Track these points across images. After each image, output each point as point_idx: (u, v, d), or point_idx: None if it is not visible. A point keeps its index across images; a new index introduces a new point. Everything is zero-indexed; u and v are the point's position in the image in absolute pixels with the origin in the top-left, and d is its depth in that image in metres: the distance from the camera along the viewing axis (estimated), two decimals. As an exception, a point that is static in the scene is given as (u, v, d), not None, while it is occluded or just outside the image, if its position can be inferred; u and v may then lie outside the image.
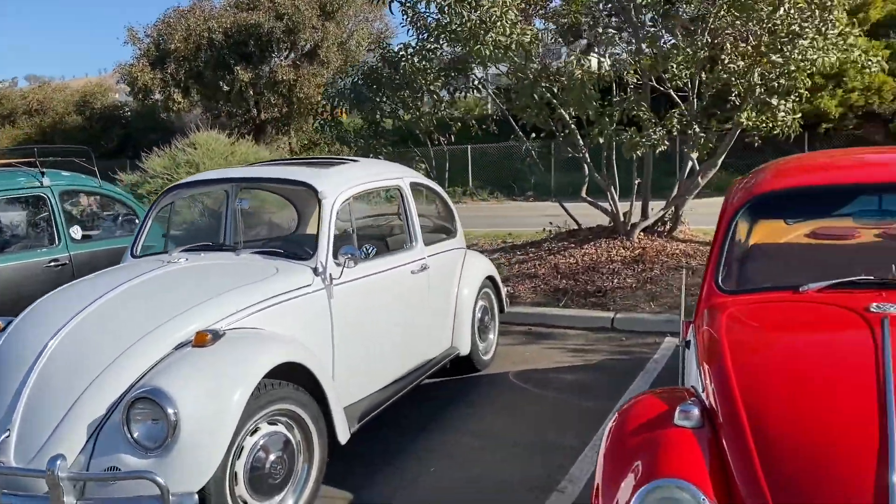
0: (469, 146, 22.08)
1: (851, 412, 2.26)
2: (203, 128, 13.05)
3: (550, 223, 9.30)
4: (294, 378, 3.48)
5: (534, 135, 8.03)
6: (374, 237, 5.21)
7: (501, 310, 6.12)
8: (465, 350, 5.30)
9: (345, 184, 4.24)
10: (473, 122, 8.89)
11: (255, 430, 3.29)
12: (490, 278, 5.87)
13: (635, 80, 7.82)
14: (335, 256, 3.95)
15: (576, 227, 9.07)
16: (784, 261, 4.03)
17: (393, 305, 4.45)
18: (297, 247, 4.16)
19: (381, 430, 4.50)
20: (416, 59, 7.38)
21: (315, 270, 3.88)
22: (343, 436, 3.74)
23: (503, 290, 6.16)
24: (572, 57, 6.79)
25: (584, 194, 8.93)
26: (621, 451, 2.51)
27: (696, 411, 2.49)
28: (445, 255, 5.24)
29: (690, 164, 8.10)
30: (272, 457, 3.33)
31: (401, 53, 7.53)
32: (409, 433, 4.55)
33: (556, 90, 7.10)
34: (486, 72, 7.95)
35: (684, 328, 3.46)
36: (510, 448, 4.31)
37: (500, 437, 4.47)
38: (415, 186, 5.03)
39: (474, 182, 23.58)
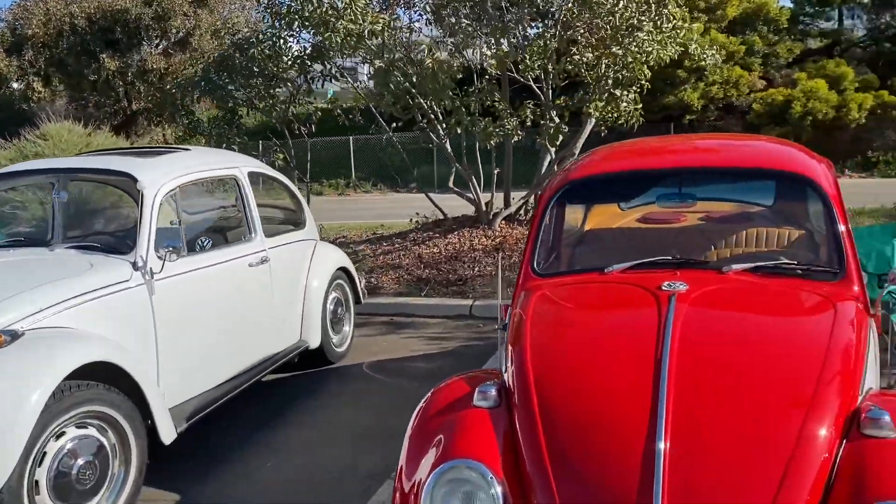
0: (351, 137, 21.87)
1: (629, 385, 2.36)
2: (56, 118, 12.23)
3: (417, 214, 9.34)
4: (110, 379, 3.32)
5: (394, 125, 8.03)
6: (216, 229, 5.05)
7: (358, 301, 6.07)
8: (314, 343, 5.23)
9: (170, 174, 4.07)
10: (339, 112, 8.75)
11: (61, 435, 3.11)
12: (344, 269, 5.81)
13: (496, 72, 7.93)
14: (157, 250, 3.79)
15: (442, 217, 9.14)
16: (606, 244, 4.19)
17: (227, 300, 4.32)
18: (118, 241, 3.97)
19: (220, 426, 4.37)
20: (265, 46, 7.19)
21: (134, 265, 3.70)
22: (167, 436, 3.60)
23: (360, 282, 6.12)
24: (423, 46, 6.83)
25: (451, 184, 9.01)
26: (423, 432, 2.55)
27: (493, 392, 2.55)
28: (291, 246, 5.14)
29: (550, 154, 8.32)
30: (81, 462, 3.17)
31: (251, 40, 7.33)
32: (250, 429, 4.45)
33: (414, 80, 7.11)
34: (343, 60, 7.86)
35: (503, 312, 3.53)
36: (352, 438, 4.28)
37: (343, 428, 4.44)
38: (254, 176, 4.90)
39: (357, 174, 23.39)
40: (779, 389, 2.32)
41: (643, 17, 6.50)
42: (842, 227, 3.00)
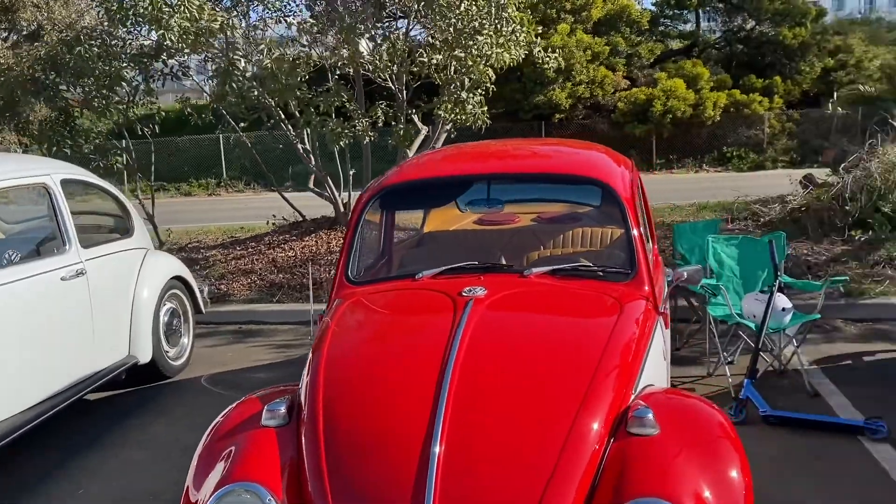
0: (221, 135, 21.13)
1: (413, 393, 2.36)
2: None
3: (274, 216, 9.11)
4: None
5: (242, 124, 7.80)
6: (33, 241, 4.72)
7: (198, 311, 5.84)
8: (145, 358, 4.98)
9: (-41, 184, 3.74)
10: (190, 111, 8.36)
11: None
12: (180, 278, 5.57)
13: (349, 71, 7.84)
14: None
15: (300, 219, 8.97)
16: (436, 247, 4.22)
17: (35, 317, 4.03)
18: None
19: (30, 453, 4.09)
20: (96, 44, 6.77)
21: (-85, 285, 3.38)
22: (-44, 469, 3.32)
23: (201, 291, 5.88)
24: (262, 46, 6.65)
25: (311, 185, 8.86)
26: (209, 453, 2.51)
27: (282, 410, 2.49)
28: (115, 256, 4.86)
29: (407, 155, 8.30)
30: None
31: (79, 36, 6.88)
32: (68, 452, 4.18)
33: (258, 80, 6.91)
34: (187, 58, 7.53)
35: (320, 321, 3.47)
36: (176, 458, 4.07)
37: (168, 447, 4.24)
38: (70, 184, 4.59)
39: (230, 173, 22.66)
40: (554, 390, 2.37)
41: (484, 21, 6.60)
42: (633, 230, 3.12)
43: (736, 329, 4.80)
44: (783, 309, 4.41)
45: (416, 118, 8.26)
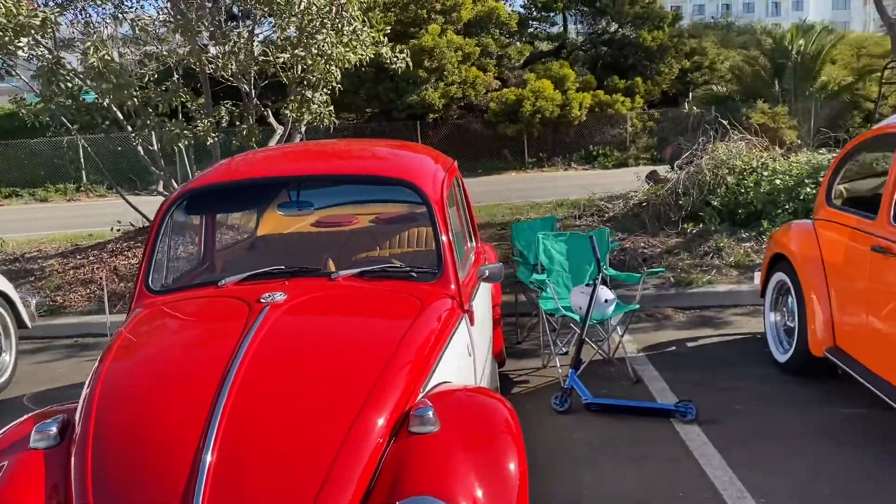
0: (80, 137, 19.95)
1: (190, 403, 2.28)
2: None
3: (119, 222, 8.68)
4: None
5: (76, 126, 7.38)
6: None
7: (23, 325, 5.48)
8: (-47, 378, 4.62)
9: None
10: (24, 112, 7.82)
11: None
12: (-1, 292, 5.20)
13: (194, 70, 7.57)
14: None
15: (148, 224, 8.59)
16: (261, 252, 4.13)
17: None
18: None
19: None
20: None
21: None
22: None
23: (25, 303, 5.51)
24: (88, 43, 6.33)
25: (160, 188, 8.50)
26: None
27: (53, 430, 2.37)
28: (-87, 271, 4.48)
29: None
30: None
31: None
32: None
33: (88, 80, 6.56)
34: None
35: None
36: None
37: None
38: None
39: (92, 176, 21.43)
40: (337, 393, 2.35)
41: (325, 20, 6.54)
42: (441, 231, 3.15)
43: (567, 321, 4.99)
44: (606, 300, 4.61)
45: (272, 118, 8.09)
